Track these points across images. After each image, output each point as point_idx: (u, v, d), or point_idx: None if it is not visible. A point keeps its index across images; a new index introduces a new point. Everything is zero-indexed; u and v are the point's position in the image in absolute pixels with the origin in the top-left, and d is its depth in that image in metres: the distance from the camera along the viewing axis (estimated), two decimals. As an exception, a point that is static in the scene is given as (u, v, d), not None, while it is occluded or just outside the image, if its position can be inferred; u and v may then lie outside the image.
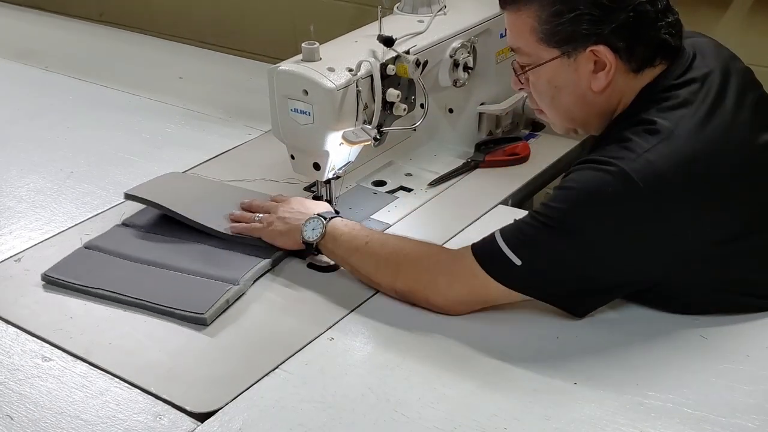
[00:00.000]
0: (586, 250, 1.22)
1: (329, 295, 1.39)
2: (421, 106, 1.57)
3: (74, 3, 3.09)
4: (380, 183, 1.73)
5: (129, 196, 1.61)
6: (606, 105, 1.29)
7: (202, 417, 1.16)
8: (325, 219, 1.43)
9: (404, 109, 1.55)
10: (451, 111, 1.82)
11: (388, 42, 1.49)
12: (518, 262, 1.23)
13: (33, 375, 1.24)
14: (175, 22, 2.92)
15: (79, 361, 1.26)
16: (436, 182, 1.72)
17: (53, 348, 1.29)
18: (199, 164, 1.82)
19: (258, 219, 1.50)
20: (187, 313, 1.33)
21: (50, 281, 1.43)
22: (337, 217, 1.45)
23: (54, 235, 1.58)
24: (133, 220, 1.58)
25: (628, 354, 1.24)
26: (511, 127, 1.88)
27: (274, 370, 1.23)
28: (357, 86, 1.46)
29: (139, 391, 1.20)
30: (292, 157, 1.57)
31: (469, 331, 1.29)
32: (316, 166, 1.53)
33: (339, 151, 1.51)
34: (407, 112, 1.57)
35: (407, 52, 1.52)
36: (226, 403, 1.17)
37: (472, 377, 1.21)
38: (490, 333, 1.29)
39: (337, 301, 1.37)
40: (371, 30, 1.56)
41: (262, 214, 1.51)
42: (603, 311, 1.30)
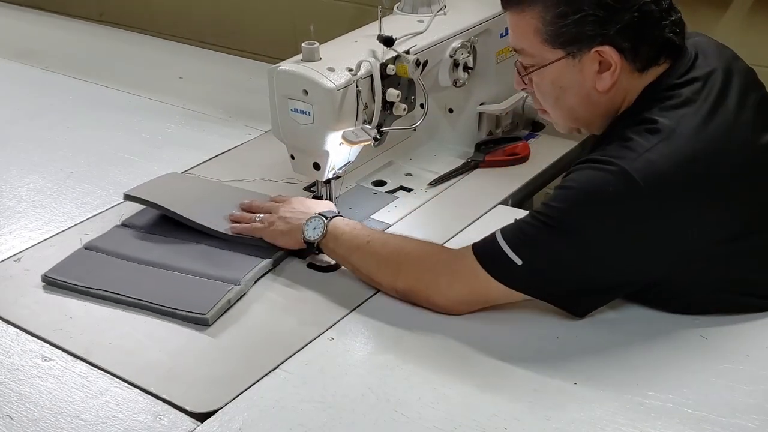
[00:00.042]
0: (586, 249, 1.22)
1: (329, 295, 1.39)
2: (421, 106, 1.57)
3: (74, 3, 3.08)
4: (380, 183, 1.73)
5: (128, 197, 1.60)
6: (610, 104, 1.29)
7: (202, 417, 1.16)
8: (326, 218, 1.43)
9: (404, 109, 1.55)
10: (451, 111, 1.82)
11: (388, 42, 1.49)
12: (519, 262, 1.23)
13: (33, 375, 1.24)
14: (175, 22, 2.92)
15: (79, 361, 1.26)
16: (436, 182, 1.72)
17: (53, 348, 1.29)
18: (199, 164, 1.82)
19: (259, 219, 1.50)
20: (189, 314, 1.33)
21: (51, 282, 1.42)
22: (338, 216, 1.45)
23: (54, 235, 1.58)
24: (132, 220, 1.58)
25: (628, 354, 1.24)
26: (511, 127, 1.88)
27: (274, 370, 1.23)
28: (357, 86, 1.46)
29: (139, 391, 1.20)
30: (292, 157, 1.56)
31: (469, 331, 1.29)
32: (316, 166, 1.53)
33: (339, 151, 1.51)
34: (407, 112, 1.57)
35: (407, 52, 1.52)
36: (226, 403, 1.17)
37: (472, 377, 1.21)
38: (490, 333, 1.29)
39: (337, 301, 1.37)
40: (371, 30, 1.56)
41: (262, 215, 1.52)
42: (603, 311, 1.30)
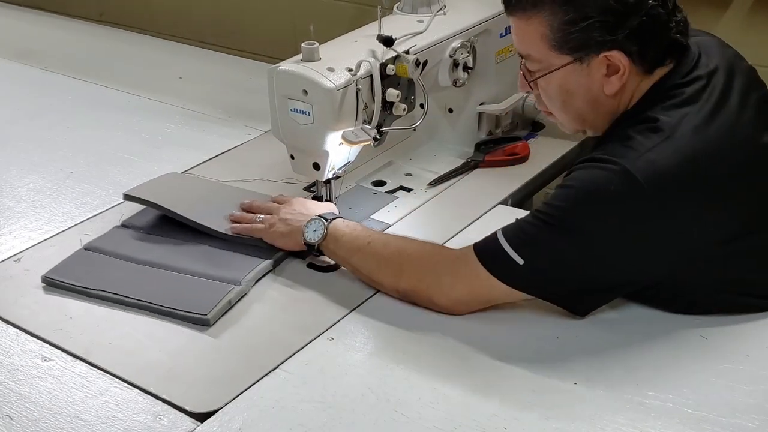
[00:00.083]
0: (588, 248, 1.22)
1: (329, 295, 1.39)
2: (421, 106, 1.57)
3: (74, 3, 3.08)
4: (380, 183, 1.73)
5: (128, 197, 1.60)
6: (617, 106, 1.29)
7: (202, 417, 1.16)
8: (327, 220, 1.43)
9: (404, 109, 1.55)
10: (451, 111, 1.82)
11: (388, 42, 1.49)
12: (520, 262, 1.23)
13: (33, 375, 1.24)
14: (175, 22, 2.92)
15: (78, 361, 1.26)
16: (436, 182, 1.72)
17: (53, 348, 1.29)
18: (199, 164, 1.82)
19: (259, 220, 1.50)
20: (190, 314, 1.33)
21: (51, 283, 1.42)
22: (338, 218, 1.45)
23: (54, 235, 1.58)
24: (132, 221, 1.58)
25: (628, 354, 1.24)
26: (510, 126, 1.88)
27: (274, 370, 1.23)
28: (357, 86, 1.46)
29: (139, 391, 1.20)
30: (292, 157, 1.56)
31: (469, 331, 1.29)
32: (316, 166, 1.53)
33: (339, 151, 1.51)
34: (407, 112, 1.57)
35: (407, 52, 1.52)
36: (226, 403, 1.17)
37: (472, 377, 1.21)
38: (490, 333, 1.28)
39: (337, 301, 1.37)
40: (371, 30, 1.56)
41: (263, 215, 1.51)
42: (603, 311, 1.30)
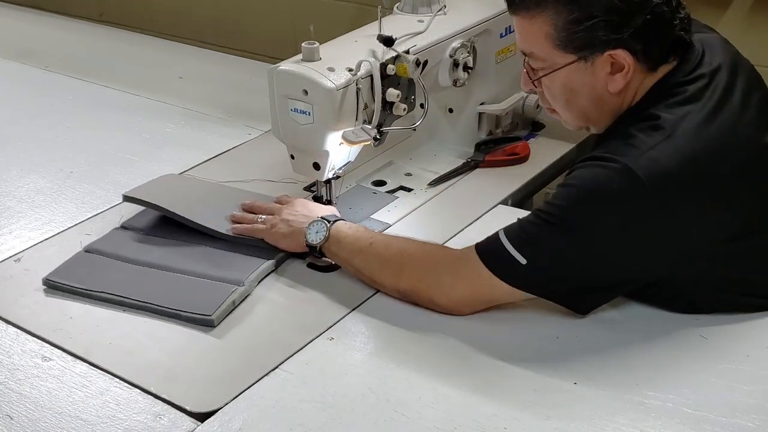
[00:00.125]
0: (590, 247, 1.22)
1: (329, 295, 1.39)
2: (421, 105, 1.57)
3: (74, 3, 3.08)
4: (380, 183, 1.73)
5: (128, 198, 1.60)
6: (621, 103, 1.29)
7: (202, 417, 1.16)
8: (329, 222, 1.42)
9: (404, 109, 1.55)
10: (451, 111, 1.82)
11: (388, 42, 1.49)
12: (523, 261, 1.23)
13: (33, 375, 1.24)
14: (175, 22, 2.92)
15: (79, 361, 1.26)
16: (436, 182, 1.72)
17: (53, 348, 1.29)
18: (199, 164, 1.82)
19: (261, 220, 1.50)
20: (194, 315, 1.33)
21: (52, 285, 1.42)
22: (340, 220, 1.45)
23: (54, 235, 1.58)
24: (131, 223, 1.58)
25: (628, 354, 1.24)
26: (510, 126, 1.88)
27: (274, 370, 1.23)
28: (357, 86, 1.46)
29: (139, 391, 1.20)
30: (292, 157, 1.56)
31: (469, 331, 1.29)
32: (316, 166, 1.53)
33: (339, 151, 1.51)
34: (407, 112, 1.56)
35: (407, 52, 1.52)
36: (226, 403, 1.17)
37: (472, 377, 1.21)
38: (490, 333, 1.28)
39: (337, 301, 1.37)
40: (371, 30, 1.56)
41: (264, 216, 1.51)
42: (604, 310, 1.30)
